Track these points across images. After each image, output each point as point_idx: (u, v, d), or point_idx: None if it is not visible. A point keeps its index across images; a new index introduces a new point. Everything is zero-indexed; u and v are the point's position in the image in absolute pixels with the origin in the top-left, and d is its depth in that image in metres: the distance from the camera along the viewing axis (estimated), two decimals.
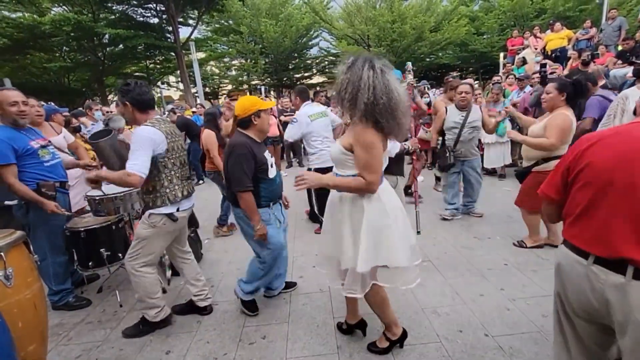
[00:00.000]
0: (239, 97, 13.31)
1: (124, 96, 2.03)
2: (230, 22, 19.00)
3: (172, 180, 2.12)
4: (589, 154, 1.11)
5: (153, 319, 2.25)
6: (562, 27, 8.57)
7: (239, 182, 2.08)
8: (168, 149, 2.06)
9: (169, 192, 2.10)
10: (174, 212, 2.13)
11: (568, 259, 1.18)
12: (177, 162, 2.16)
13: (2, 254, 1.60)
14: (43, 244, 2.53)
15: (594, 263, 1.09)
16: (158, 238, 2.14)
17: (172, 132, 2.15)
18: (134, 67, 18.09)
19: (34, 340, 1.70)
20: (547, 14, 15.56)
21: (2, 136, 2.34)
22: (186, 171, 2.26)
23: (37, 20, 11.88)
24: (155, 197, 2.08)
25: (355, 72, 1.52)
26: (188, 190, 2.24)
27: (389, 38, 17.39)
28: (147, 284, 2.18)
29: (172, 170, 2.11)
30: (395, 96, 1.52)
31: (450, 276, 2.76)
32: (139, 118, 2.08)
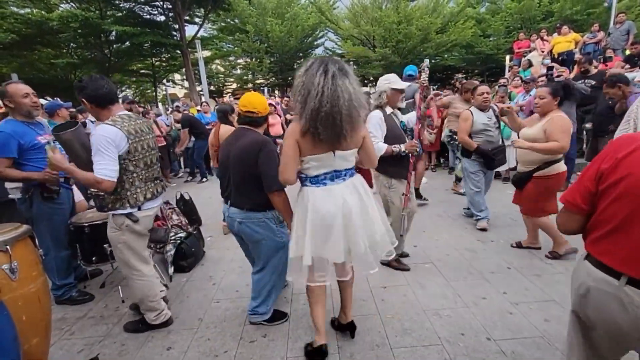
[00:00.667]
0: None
1: (79, 93, 1.94)
2: (236, 21, 19.05)
3: (133, 182, 2.01)
4: (628, 162, 0.99)
5: (152, 322, 2.25)
6: (570, 31, 8.51)
7: (274, 181, 1.86)
8: (129, 150, 1.95)
9: (130, 195, 2.00)
10: (134, 211, 2.03)
11: (593, 277, 1.07)
12: (141, 164, 2.04)
13: (7, 247, 1.61)
14: (46, 238, 2.54)
15: (627, 284, 0.99)
16: (127, 240, 2.07)
17: (138, 131, 2.01)
18: (140, 64, 18.20)
19: (38, 334, 1.71)
20: (555, 17, 15.46)
21: (9, 129, 2.36)
22: (154, 172, 2.15)
23: (45, 16, 11.98)
24: (115, 199, 1.99)
25: (309, 76, 1.53)
26: (153, 192, 2.13)
27: (395, 39, 17.35)
28: (144, 287, 2.16)
29: (134, 172, 2.01)
30: (340, 103, 1.49)
31: (452, 278, 2.75)
32: (100, 114, 1.98)
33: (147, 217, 2.14)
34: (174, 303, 2.63)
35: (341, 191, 1.72)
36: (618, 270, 1.01)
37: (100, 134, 1.85)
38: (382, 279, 2.75)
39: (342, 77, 1.52)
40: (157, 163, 2.21)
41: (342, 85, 1.50)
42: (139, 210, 2.06)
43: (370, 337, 2.12)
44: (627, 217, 0.99)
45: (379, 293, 2.58)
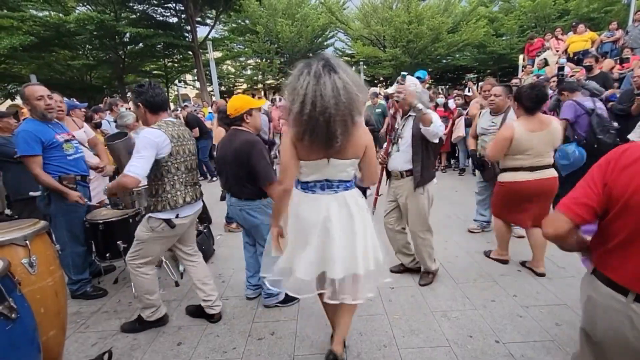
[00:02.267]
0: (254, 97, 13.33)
1: (137, 97, 2.05)
2: (247, 22, 19.24)
3: (174, 185, 2.08)
4: (631, 172, 0.94)
5: (147, 318, 2.28)
6: (586, 29, 8.30)
7: (268, 175, 2.17)
8: (172, 153, 2.02)
9: (170, 198, 2.06)
10: (173, 218, 2.09)
11: (601, 293, 1.04)
12: (182, 167, 2.12)
13: (27, 242, 1.67)
14: (63, 235, 2.63)
15: (634, 301, 0.97)
16: (155, 242, 2.13)
17: (180, 136, 2.11)
18: (152, 65, 18.55)
19: (55, 326, 1.77)
20: (570, 16, 15.12)
21: (30, 128, 2.46)
22: (193, 177, 2.23)
23: (63, 19, 12.33)
24: (156, 201, 2.06)
25: (294, 78, 1.44)
26: (192, 196, 2.18)
27: (405, 39, 17.25)
28: (144, 283, 2.20)
29: (175, 175, 2.08)
30: (326, 102, 1.35)
31: (461, 281, 2.73)
32: (149, 119, 2.09)
33: (183, 225, 2.19)
34: (184, 300, 2.68)
35: (327, 203, 1.60)
36: (626, 287, 0.98)
37: (145, 135, 1.95)
38: (390, 280, 2.73)
39: (327, 73, 1.37)
40: (196, 169, 2.29)
41: (329, 82, 1.36)
42: (176, 218, 2.11)
43: (377, 337, 2.12)
44: (633, 232, 0.96)
45: (386, 293, 2.58)
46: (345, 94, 1.38)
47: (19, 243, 1.66)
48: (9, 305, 1.31)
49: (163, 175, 2.05)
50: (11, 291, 1.35)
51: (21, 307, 1.37)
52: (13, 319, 1.31)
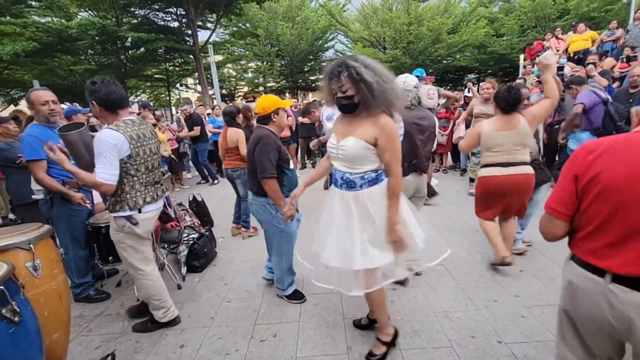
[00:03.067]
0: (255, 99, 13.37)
1: (90, 95, 1.98)
2: (248, 25, 19.32)
3: (134, 186, 2.05)
4: (599, 163, 1.04)
5: (160, 319, 2.30)
6: (586, 29, 8.30)
7: (264, 169, 2.23)
8: (131, 155, 1.99)
9: (129, 199, 2.05)
10: (133, 214, 2.07)
11: (581, 277, 1.11)
12: (142, 168, 2.09)
13: (31, 245, 1.69)
14: (65, 238, 2.65)
15: (612, 282, 1.03)
16: (128, 241, 2.13)
17: (140, 136, 2.06)
18: (154, 69, 18.60)
19: (58, 329, 1.78)
20: (571, 15, 15.10)
21: (34, 133, 2.49)
22: (155, 175, 2.19)
23: (65, 24, 12.40)
24: (115, 201, 2.05)
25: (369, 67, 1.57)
26: (153, 196, 2.17)
27: (405, 40, 17.27)
28: (149, 287, 2.21)
29: (135, 176, 2.05)
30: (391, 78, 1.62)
31: (463, 281, 2.73)
32: (107, 118, 2.03)
33: (148, 220, 2.16)
34: (187, 302, 2.69)
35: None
36: (602, 268, 1.05)
37: (102, 138, 1.90)
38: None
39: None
40: (158, 167, 2.25)
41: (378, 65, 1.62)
42: (139, 213, 2.09)
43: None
44: (606, 217, 1.03)
45: (388, 294, 2.57)
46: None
47: (23, 247, 1.67)
48: (12, 308, 1.32)
49: (122, 176, 2.00)
50: (14, 294, 1.37)
51: (24, 310, 1.39)
52: (16, 322, 1.32)
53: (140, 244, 2.19)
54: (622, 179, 0.99)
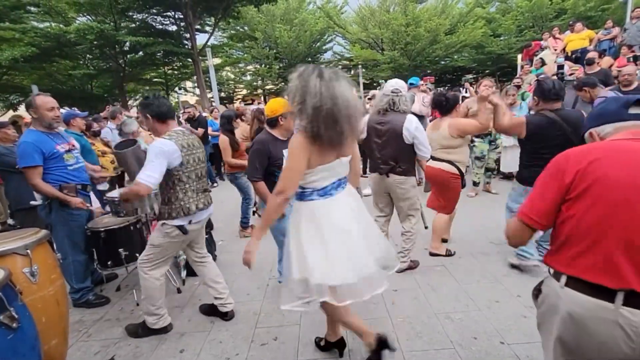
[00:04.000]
0: (253, 102, 13.25)
1: (144, 109, 2.14)
2: (246, 28, 19.39)
3: (186, 192, 2.14)
4: (591, 171, 0.98)
5: (151, 326, 2.29)
6: (584, 28, 8.33)
7: (250, 173, 2.40)
8: (182, 162, 2.09)
9: (183, 205, 2.13)
10: (186, 224, 2.15)
11: (583, 304, 0.96)
12: (193, 175, 2.18)
13: (28, 251, 1.68)
14: (64, 243, 2.64)
15: (623, 305, 0.90)
16: (169, 246, 2.20)
17: (190, 145, 2.17)
18: (152, 73, 18.64)
19: (57, 335, 1.77)
20: (568, 15, 15.16)
21: (31, 139, 2.48)
22: (203, 184, 2.28)
23: (63, 29, 12.44)
24: (170, 208, 2.12)
25: (302, 80, 1.51)
26: (204, 202, 2.26)
27: (403, 41, 17.34)
28: (152, 289, 2.22)
29: (186, 183, 2.14)
30: (340, 102, 1.48)
31: (465, 281, 2.71)
32: (159, 129, 2.16)
33: (195, 231, 2.26)
34: (186, 306, 2.68)
35: (345, 199, 1.68)
36: (612, 287, 0.92)
37: (156, 145, 2.01)
38: (393, 282, 2.71)
39: (336, 80, 1.51)
40: (205, 176, 2.34)
41: (338, 87, 1.50)
42: (189, 224, 2.17)
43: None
44: (603, 225, 0.95)
45: (389, 296, 2.57)
46: (353, 100, 1.54)
47: (20, 252, 1.67)
48: (10, 314, 1.31)
49: (175, 184, 2.11)
50: (12, 301, 1.36)
51: (22, 316, 1.37)
52: (14, 328, 1.31)
53: (175, 250, 2.27)
54: (622, 185, 0.94)
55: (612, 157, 0.98)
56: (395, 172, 2.67)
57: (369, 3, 19.26)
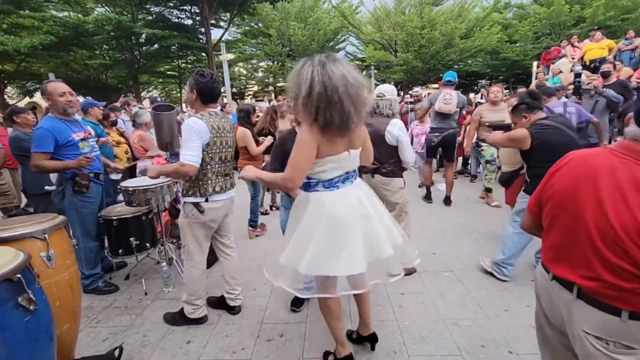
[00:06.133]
0: (264, 98, 13.29)
1: (195, 84, 2.12)
2: (260, 24, 19.46)
3: (206, 174, 2.14)
4: (557, 176, 1.16)
5: (189, 315, 2.33)
6: (603, 37, 8.16)
7: (271, 165, 2.47)
8: (209, 143, 2.10)
9: (201, 185, 2.14)
10: (201, 202, 2.15)
11: (541, 274, 1.25)
12: (216, 158, 2.18)
13: (46, 235, 1.71)
14: (75, 229, 2.67)
15: (552, 279, 1.16)
16: (192, 227, 2.20)
17: (220, 127, 2.18)
18: (167, 66, 18.83)
19: (69, 320, 1.80)
20: (587, 23, 14.88)
21: (48, 125, 2.53)
22: (226, 168, 2.29)
23: (82, 19, 12.65)
24: (188, 186, 2.15)
25: (294, 74, 1.50)
26: (222, 186, 2.25)
27: (417, 44, 17.21)
28: (193, 279, 2.26)
29: (208, 164, 2.14)
30: (335, 83, 1.41)
31: (473, 288, 2.69)
32: (197, 107, 2.17)
33: (214, 210, 2.22)
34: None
35: (355, 193, 1.66)
36: (547, 267, 1.19)
37: (189, 124, 2.03)
38: (400, 285, 2.71)
39: (330, 62, 1.44)
40: (231, 161, 2.35)
41: (335, 68, 1.43)
42: (206, 202, 2.17)
43: (387, 343, 2.09)
44: (551, 221, 1.16)
45: (396, 299, 2.56)
46: (352, 78, 1.45)
47: (38, 236, 1.70)
48: (28, 297, 1.33)
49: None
50: (30, 283, 1.38)
51: (39, 299, 1.40)
52: (31, 310, 1.33)
53: (201, 233, 2.24)
54: (564, 190, 1.10)
55: (569, 168, 1.13)
56: (380, 173, 2.72)
57: (385, 4, 19.18)
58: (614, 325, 0.98)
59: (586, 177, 1.04)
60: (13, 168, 4.34)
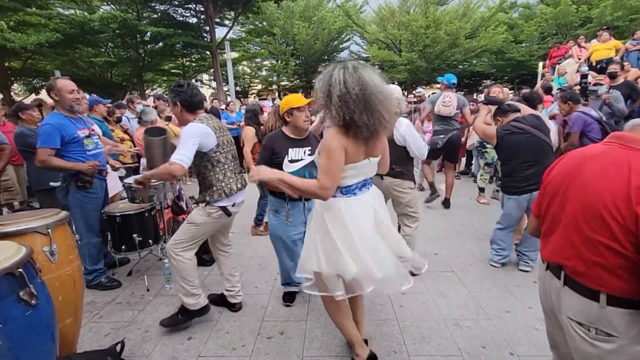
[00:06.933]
0: (268, 97, 13.33)
1: (176, 96, 2.10)
2: (264, 23, 19.44)
3: (226, 173, 2.16)
4: (553, 171, 1.24)
5: (192, 307, 2.24)
6: (610, 38, 8.06)
7: (257, 163, 2.36)
8: (218, 144, 2.10)
9: (225, 186, 2.14)
10: (229, 206, 2.18)
11: (539, 266, 1.31)
12: (229, 156, 2.21)
13: (49, 230, 1.72)
14: (79, 225, 2.69)
15: (546, 269, 1.23)
16: (206, 227, 2.19)
17: (220, 127, 2.20)
18: (171, 64, 18.89)
19: (71, 314, 1.81)
20: (594, 24, 14.72)
21: (54, 122, 2.55)
22: (238, 165, 2.32)
23: (87, 17, 12.70)
24: (212, 191, 2.12)
25: (326, 74, 1.51)
26: (241, 183, 2.28)
27: (422, 43, 17.11)
28: (185, 269, 2.20)
29: (225, 164, 2.16)
30: (370, 87, 1.43)
31: (475, 289, 2.67)
32: (187, 118, 2.14)
33: (235, 213, 2.28)
34: None
35: (369, 201, 1.68)
36: (543, 258, 1.26)
37: (189, 128, 2.01)
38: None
39: (363, 68, 1.48)
40: (237, 158, 2.36)
41: (366, 73, 1.46)
42: (233, 207, 2.20)
43: (387, 342, 2.09)
44: (545, 211, 1.23)
45: (397, 299, 2.55)
46: (384, 86, 1.49)
47: (41, 231, 1.71)
48: (30, 291, 1.34)
49: (214, 165, 2.13)
50: (32, 278, 1.39)
51: (41, 293, 1.41)
52: (33, 305, 1.35)
53: (207, 231, 2.23)
54: (557, 179, 1.19)
55: (563, 162, 1.21)
56: (390, 174, 2.67)
57: (390, 3, 19.11)
58: (593, 311, 1.03)
59: (577, 165, 1.13)
60: (18, 164, 4.38)
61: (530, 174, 2.69)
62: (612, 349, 1.00)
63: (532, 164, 2.70)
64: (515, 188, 2.79)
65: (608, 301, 1.00)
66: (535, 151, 2.68)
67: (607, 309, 1.00)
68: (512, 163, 2.81)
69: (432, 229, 3.92)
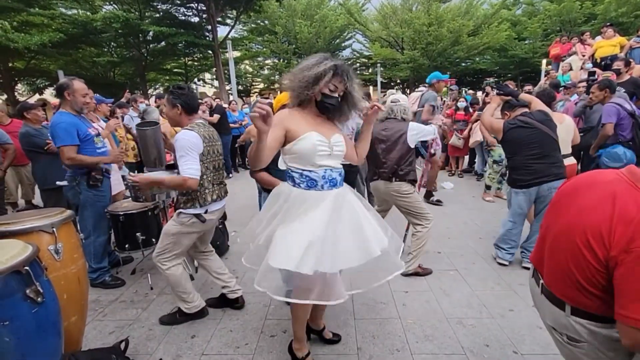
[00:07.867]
0: (269, 96, 13.34)
1: (176, 99, 2.12)
2: (266, 22, 19.47)
3: (203, 184, 2.14)
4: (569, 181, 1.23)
5: (187, 311, 2.31)
6: (615, 34, 7.99)
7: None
8: (203, 153, 2.11)
9: (199, 196, 2.14)
10: (202, 213, 2.17)
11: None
12: (211, 167, 2.20)
13: (54, 229, 1.74)
14: (88, 224, 2.72)
15: (532, 276, 1.29)
16: (184, 236, 2.18)
17: (210, 137, 2.20)
18: (173, 63, 18.97)
19: (76, 312, 1.83)
20: (598, 20, 14.60)
21: (69, 120, 2.59)
22: (220, 176, 2.30)
23: (90, 17, 12.79)
24: (187, 199, 2.14)
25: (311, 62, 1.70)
26: (219, 194, 2.26)
27: (424, 41, 17.06)
28: (176, 280, 2.23)
29: (204, 174, 2.14)
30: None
31: (478, 288, 2.67)
32: (184, 120, 2.17)
33: (211, 220, 2.26)
34: (199, 293, 2.72)
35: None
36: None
37: (184, 138, 2.03)
38: (404, 284, 2.71)
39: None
40: (222, 168, 2.36)
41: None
42: (206, 213, 2.18)
43: (390, 341, 2.09)
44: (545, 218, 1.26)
45: (400, 297, 2.55)
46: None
47: (46, 230, 1.72)
48: (36, 289, 1.36)
49: None
50: (38, 276, 1.40)
51: (47, 291, 1.42)
52: (39, 302, 1.36)
53: (187, 240, 2.22)
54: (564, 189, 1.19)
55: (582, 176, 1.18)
56: (397, 176, 2.73)
57: (392, 1, 19.04)
58: (561, 319, 1.09)
59: (585, 185, 1.10)
60: (18, 164, 4.33)
61: (537, 167, 2.71)
62: (584, 352, 1.07)
63: (538, 157, 2.72)
64: (523, 181, 2.79)
65: (572, 311, 1.05)
66: (541, 145, 2.69)
67: (571, 318, 1.05)
68: (517, 157, 2.82)
69: (435, 228, 3.87)
